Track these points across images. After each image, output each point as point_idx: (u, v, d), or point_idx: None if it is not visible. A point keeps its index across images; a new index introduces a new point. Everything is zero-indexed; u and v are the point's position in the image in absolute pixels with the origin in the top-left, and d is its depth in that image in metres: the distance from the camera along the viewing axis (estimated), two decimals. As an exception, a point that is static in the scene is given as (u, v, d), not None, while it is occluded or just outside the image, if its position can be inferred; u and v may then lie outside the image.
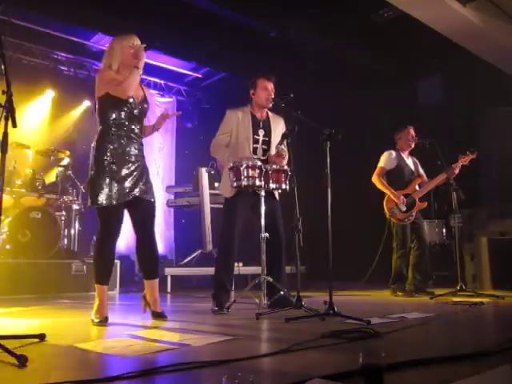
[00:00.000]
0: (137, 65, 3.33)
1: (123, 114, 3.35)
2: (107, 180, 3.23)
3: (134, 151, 3.38)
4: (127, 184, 3.29)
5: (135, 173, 3.35)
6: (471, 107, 7.26)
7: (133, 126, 3.40)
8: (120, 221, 3.34)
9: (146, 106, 3.50)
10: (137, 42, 3.42)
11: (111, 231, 3.32)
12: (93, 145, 3.37)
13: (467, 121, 7.35)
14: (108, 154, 3.27)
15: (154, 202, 3.46)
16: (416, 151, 5.71)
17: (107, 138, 3.31)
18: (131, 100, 3.37)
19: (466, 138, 6.96)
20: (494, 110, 7.30)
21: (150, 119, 3.89)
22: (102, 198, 3.21)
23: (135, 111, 3.40)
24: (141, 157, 3.45)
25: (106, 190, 3.22)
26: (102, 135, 3.33)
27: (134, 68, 3.32)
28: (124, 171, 3.30)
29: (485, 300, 4.42)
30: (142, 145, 3.50)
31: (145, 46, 3.42)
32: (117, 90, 3.29)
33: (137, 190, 3.33)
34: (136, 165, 3.37)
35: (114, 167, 3.26)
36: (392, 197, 5.35)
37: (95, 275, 3.34)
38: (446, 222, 7.15)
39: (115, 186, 3.24)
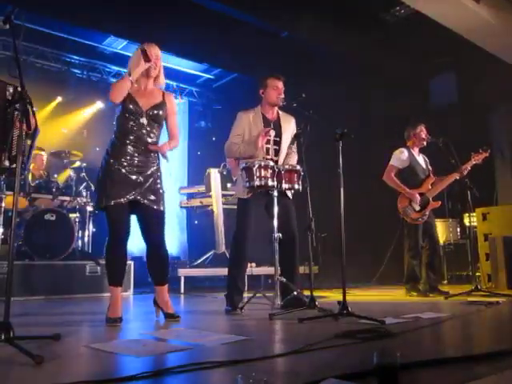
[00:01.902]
0: (153, 73, 3.44)
1: (130, 122, 3.36)
2: (107, 183, 3.29)
3: (140, 158, 3.37)
4: (128, 188, 3.30)
5: (140, 179, 3.34)
6: (484, 106, 7.19)
7: (141, 134, 3.38)
8: (123, 222, 3.34)
9: (159, 113, 3.45)
10: (156, 49, 3.46)
11: (115, 232, 3.34)
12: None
13: (480, 119, 7.29)
14: (111, 161, 3.32)
15: (163, 211, 3.45)
16: (429, 150, 5.65)
17: (113, 145, 3.39)
18: (135, 107, 3.35)
19: (478, 136, 6.90)
20: (508, 108, 7.23)
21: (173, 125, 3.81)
22: (102, 200, 3.29)
23: (141, 119, 3.37)
24: (151, 163, 3.43)
25: (104, 193, 3.28)
26: (110, 142, 3.43)
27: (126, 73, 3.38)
28: (126, 176, 3.31)
29: (500, 299, 4.37)
30: (153, 153, 3.45)
31: (142, 49, 3.38)
32: (126, 98, 3.34)
33: (139, 196, 3.32)
34: (142, 170, 3.37)
35: (116, 172, 3.29)
36: (407, 196, 5.29)
37: (108, 277, 3.38)
38: (461, 221, 7.10)
39: (114, 189, 3.27)
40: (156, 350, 2.32)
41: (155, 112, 3.43)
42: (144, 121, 3.38)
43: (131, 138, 3.36)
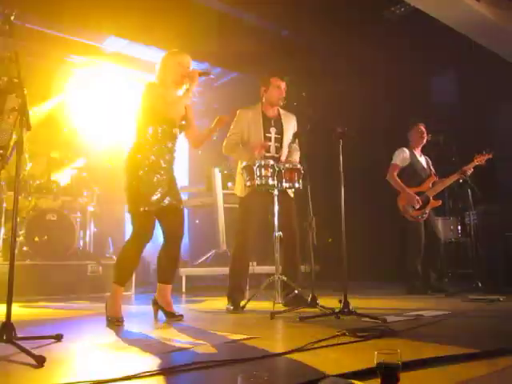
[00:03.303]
0: (184, 84, 3.45)
1: (161, 129, 3.42)
2: (143, 189, 3.32)
3: (164, 164, 3.45)
4: (159, 193, 3.38)
5: (165, 183, 3.43)
6: (485, 104, 7.18)
7: (167, 141, 3.47)
8: (152, 228, 3.40)
9: (183, 123, 3.57)
10: (189, 61, 3.53)
11: (145, 237, 3.37)
12: (127, 154, 3.43)
13: (481, 118, 7.28)
14: (142, 166, 3.35)
15: (183, 209, 3.59)
16: (430, 148, 5.66)
17: (142, 149, 3.39)
18: (170, 117, 3.45)
19: (480, 135, 6.88)
20: (509, 106, 7.22)
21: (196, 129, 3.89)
22: (140, 205, 3.30)
23: (174, 130, 3.49)
24: (171, 169, 3.53)
25: (142, 198, 3.31)
26: (137, 147, 3.42)
27: (187, 91, 3.43)
28: (156, 181, 3.37)
29: (501, 297, 4.37)
30: (174, 158, 3.58)
31: (200, 71, 3.54)
32: (167, 109, 3.39)
33: (168, 198, 3.42)
34: (166, 175, 3.45)
35: (148, 177, 3.34)
36: (405, 195, 5.33)
37: (117, 276, 3.38)
38: (461, 219, 7.09)
39: (150, 194, 3.33)
40: (158, 349, 2.32)
41: (183, 123, 3.56)
42: (176, 131, 3.51)
43: (162, 146, 3.44)
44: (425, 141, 5.49)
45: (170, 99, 3.41)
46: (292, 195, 4.23)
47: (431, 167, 5.62)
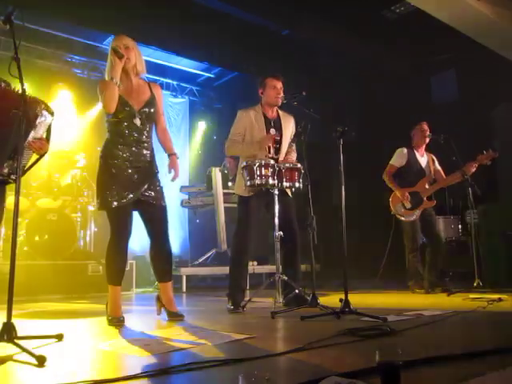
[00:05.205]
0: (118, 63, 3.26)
1: (123, 123, 3.35)
2: (108, 185, 3.28)
3: (137, 157, 3.38)
4: (129, 188, 3.30)
5: (139, 177, 3.36)
6: (485, 102, 7.18)
7: (136, 133, 3.38)
8: (127, 222, 3.35)
9: (151, 109, 3.43)
10: (120, 42, 3.35)
11: (119, 233, 3.34)
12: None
13: (482, 116, 7.28)
14: (110, 161, 3.32)
15: (165, 206, 3.47)
16: (431, 147, 5.66)
17: (110, 145, 3.37)
18: (127, 109, 3.34)
19: (480, 133, 6.89)
20: (509, 104, 7.21)
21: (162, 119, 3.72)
22: (106, 201, 3.27)
23: (135, 120, 3.36)
24: (147, 162, 3.43)
25: (108, 194, 3.27)
26: (106, 143, 3.40)
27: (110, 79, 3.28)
28: (126, 177, 3.31)
29: (502, 296, 4.37)
30: (149, 150, 3.46)
31: (112, 47, 3.31)
32: (107, 96, 3.26)
33: (140, 194, 3.34)
34: (139, 170, 3.37)
35: (115, 173, 3.30)
36: (397, 194, 5.37)
37: (108, 276, 3.37)
38: (462, 218, 7.09)
39: (116, 190, 3.27)
40: (158, 348, 2.32)
41: (147, 110, 3.42)
42: (137, 121, 3.37)
43: (127, 139, 3.36)
44: (428, 140, 5.48)
45: (104, 84, 3.32)
46: (291, 195, 4.22)
47: (436, 166, 5.56)
